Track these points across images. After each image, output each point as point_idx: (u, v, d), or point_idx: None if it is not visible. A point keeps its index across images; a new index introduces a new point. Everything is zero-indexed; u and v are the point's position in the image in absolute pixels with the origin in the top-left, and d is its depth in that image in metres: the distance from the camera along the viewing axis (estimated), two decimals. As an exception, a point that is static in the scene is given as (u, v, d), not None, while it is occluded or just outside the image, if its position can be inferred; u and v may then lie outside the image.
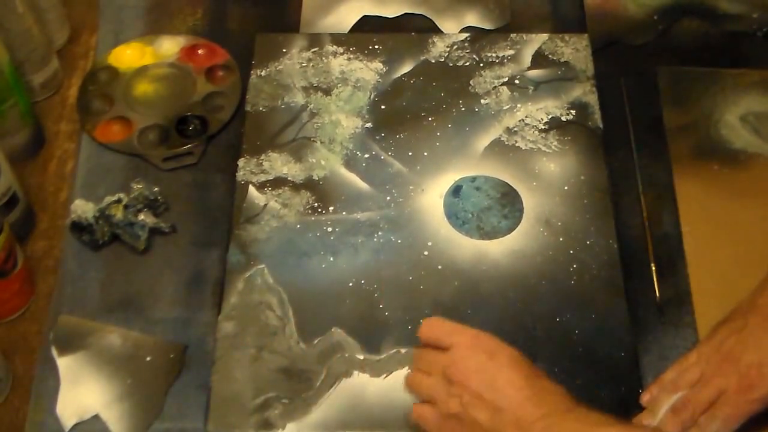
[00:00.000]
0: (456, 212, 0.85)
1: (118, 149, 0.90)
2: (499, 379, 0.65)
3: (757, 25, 0.99)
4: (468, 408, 0.64)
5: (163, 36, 0.98)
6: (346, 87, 0.93)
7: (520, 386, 0.64)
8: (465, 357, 0.66)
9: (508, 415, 0.63)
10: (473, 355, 0.66)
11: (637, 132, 0.91)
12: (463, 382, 0.65)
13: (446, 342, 0.68)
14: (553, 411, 0.63)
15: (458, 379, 0.65)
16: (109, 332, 0.79)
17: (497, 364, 0.65)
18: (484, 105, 0.92)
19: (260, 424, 0.74)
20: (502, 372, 0.65)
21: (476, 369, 0.65)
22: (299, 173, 0.87)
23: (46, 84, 0.94)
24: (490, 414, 0.64)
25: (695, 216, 0.85)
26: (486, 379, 0.65)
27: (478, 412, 0.64)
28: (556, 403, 0.64)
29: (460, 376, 0.65)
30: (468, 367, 0.65)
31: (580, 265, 0.82)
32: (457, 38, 0.97)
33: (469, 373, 0.65)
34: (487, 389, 0.64)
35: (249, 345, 0.77)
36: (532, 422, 0.63)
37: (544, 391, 0.65)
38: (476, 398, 0.64)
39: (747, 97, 0.93)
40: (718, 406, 0.70)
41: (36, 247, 0.85)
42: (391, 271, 0.81)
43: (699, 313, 0.80)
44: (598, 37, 0.98)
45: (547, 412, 0.63)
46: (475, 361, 0.66)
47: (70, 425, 0.74)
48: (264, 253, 0.82)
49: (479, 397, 0.64)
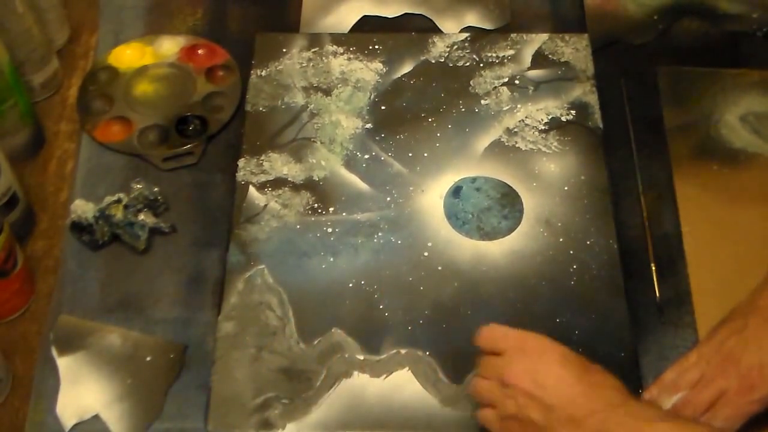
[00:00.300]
0: (456, 213, 0.85)
1: (118, 149, 0.90)
2: (550, 377, 0.66)
3: (757, 25, 0.99)
4: (523, 408, 0.66)
5: (163, 36, 0.98)
6: (346, 87, 0.93)
7: (571, 383, 0.65)
8: (516, 359, 0.68)
9: (560, 412, 0.64)
10: (524, 356, 0.68)
11: (637, 132, 0.91)
12: (516, 384, 0.66)
13: (500, 347, 0.69)
14: (605, 406, 0.64)
15: (512, 382, 0.67)
16: (109, 332, 0.79)
17: (546, 362, 0.67)
18: (484, 105, 0.92)
19: (260, 424, 0.74)
20: (552, 370, 0.66)
21: (527, 370, 0.67)
22: (299, 173, 0.87)
23: (46, 84, 0.94)
24: (544, 412, 0.65)
25: (695, 216, 0.85)
26: (537, 378, 0.66)
27: (532, 412, 0.65)
28: (608, 398, 0.65)
29: (513, 378, 0.67)
30: (519, 369, 0.67)
31: (580, 265, 0.82)
32: (457, 38, 0.97)
33: (520, 374, 0.67)
34: (538, 388, 0.66)
35: (249, 345, 0.77)
36: (584, 417, 0.64)
37: (595, 386, 0.66)
38: (529, 398, 0.66)
39: (747, 97, 0.93)
40: (719, 407, 0.70)
41: (36, 247, 0.85)
42: (391, 272, 0.81)
43: (699, 313, 0.80)
44: (598, 37, 0.98)
45: (598, 407, 0.64)
46: (526, 362, 0.67)
47: (70, 425, 0.74)
48: (264, 254, 0.82)
49: (532, 397, 0.66)
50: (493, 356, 0.70)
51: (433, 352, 0.77)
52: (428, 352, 0.77)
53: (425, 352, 0.77)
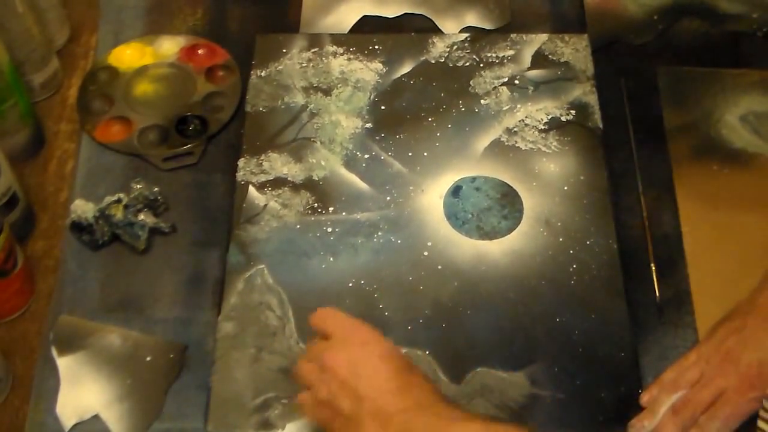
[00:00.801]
0: (456, 212, 0.85)
1: (118, 149, 0.90)
2: (367, 368, 0.65)
3: (757, 25, 0.99)
4: (335, 395, 0.65)
5: (163, 36, 0.98)
6: (346, 87, 0.93)
7: (387, 378, 0.64)
8: (338, 345, 0.67)
9: (369, 404, 0.63)
10: (347, 344, 0.67)
11: (637, 132, 0.91)
12: (333, 369, 0.65)
13: (329, 331, 0.68)
14: (414, 405, 0.63)
15: (329, 366, 0.66)
16: (109, 332, 0.79)
17: (368, 354, 0.66)
18: (484, 105, 0.92)
19: (260, 424, 0.74)
20: (370, 362, 0.65)
21: (347, 358, 0.66)
22: (299, 173, 0.87)
23: (46, 84, 0.94)
24: (354, 402, 0.64)
25: (695, 216, 0.85)
26: (355, 368, 0.65)
27: (342, 401, 0.64)
28: (419, 398, 0.64)
29: (331, 362, 0.66)
30: (340, 356, 0.66)
31: (580, 265, 0.82)
32: (457, 38, 0.97)
33: (339, 360, 0.65)
34: (353, 377, 0.64)
35: (249, 345, 0.77)
36: (391, 414, 0.62)
37: (410, 386, 0.64)
38: (343, 386, 0.65)
39: (747, 97, 0.93)
40: (719, 406, 0.70)
41: (36, 247, 0.85)
42: (390, 272, 0.81)
43: (699, 313, 0.80)
44: (598, 37, 0.98)
45: (408, 406, 0.63)
46: (348, 350, 0.66)
47: (70, 425, 0.74)
48: (264, 253, 0.82)
49: (345, 385, 0.64)
50: (321, 340, 0.69)
51: (433, 351, 0.77)
52: (428, 352, 0.77)
53: (425, 352, 0.77)
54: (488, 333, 0.78)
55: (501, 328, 0.78)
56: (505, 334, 0.78)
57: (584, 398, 0.75)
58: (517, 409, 0.74)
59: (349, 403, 0.64)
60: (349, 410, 0.64)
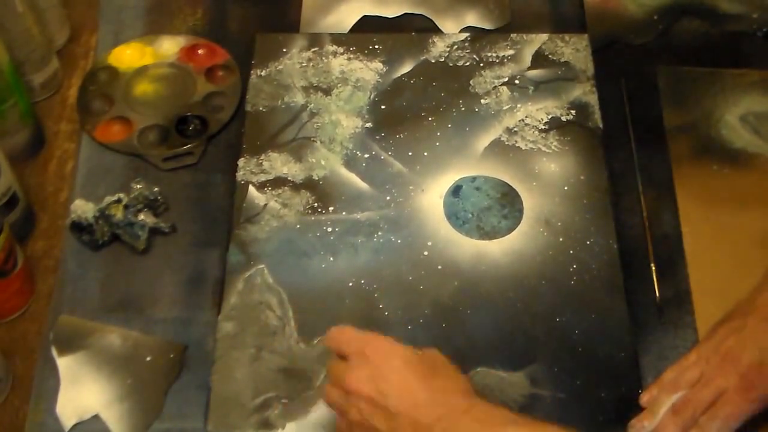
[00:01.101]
0: (456, 212, 0.85)
1: (118, 149, 0.90)
2: (392, 383, 0.64)
3: (757, 25, 0.99)
4: (367, 416, 0.63)
5: (163, 36, 0.98)
6: (346, 87, 0.93)
7: (414, 389, 0.63)
8: (358, 365, 0.65)
9: (404, 420, 0.62)
10: (365, 362, 0.65)
11: (637, 132, 0.91)
12: (357, 390, 0.64)
13: (345, 351, 0.67)
14: (450, 412, 0.62)
15: (353, 388, 0.64)
16: (109, 332, 0.79)
17: (388, 368, 0.64)
18: (484, 105, 0.92)
19: (260, 424, 0.74)
20: (394, 376, 0.64)
21: (369, 376, 0.64)
22: (299, 173, 0.87)
23: (46, 84, 0.94)
24: (388, 420, 0.63)
25: (695, 216, 0.85)
26: (379, 385, 0.64)
27: (376, 420, 0.63)
28: (452, 403, 0.63)
29: (354, 385, 0.64)
30: (361, 375, 0.64)
31: (580, 265, 0.82)
32: (457, 38, 0.97)
33: (361, 380, 0.64)
34: (381, 395, 0.63)
35: (249, 345, 0.77)
36: (429, 425, 0.61)
37: (440, 391, 0.64)
38: (372, 405, 0.63)
39: (747, 97, 0.93)
40: (719, 406, 0.70)
41: (36, 247, 0.85)
42: (390, 271, 0.81)
43: (699, 313, 0.80)
44: (598, 37, 0.98)
45: (444, 413, 0.62)
46: (367, 367, 0.65)
47: (70, 425, 0.74)
48: (264, 253, 0.82)
49: (375, 404, 0.63)
50: (339, 361, 0.67)
51: (433, 351, 0.77)
52: (428, 352, 0.77)
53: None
54: (488, 333, 0.78)
55: (501, 328, 0.78)
56: (505, 334, 0.78)
57: (584, 398, 0.75)
58: (517, 409, 0.74)
59: (384, 422, 0.63)
60: (386, 428, 0.63)
